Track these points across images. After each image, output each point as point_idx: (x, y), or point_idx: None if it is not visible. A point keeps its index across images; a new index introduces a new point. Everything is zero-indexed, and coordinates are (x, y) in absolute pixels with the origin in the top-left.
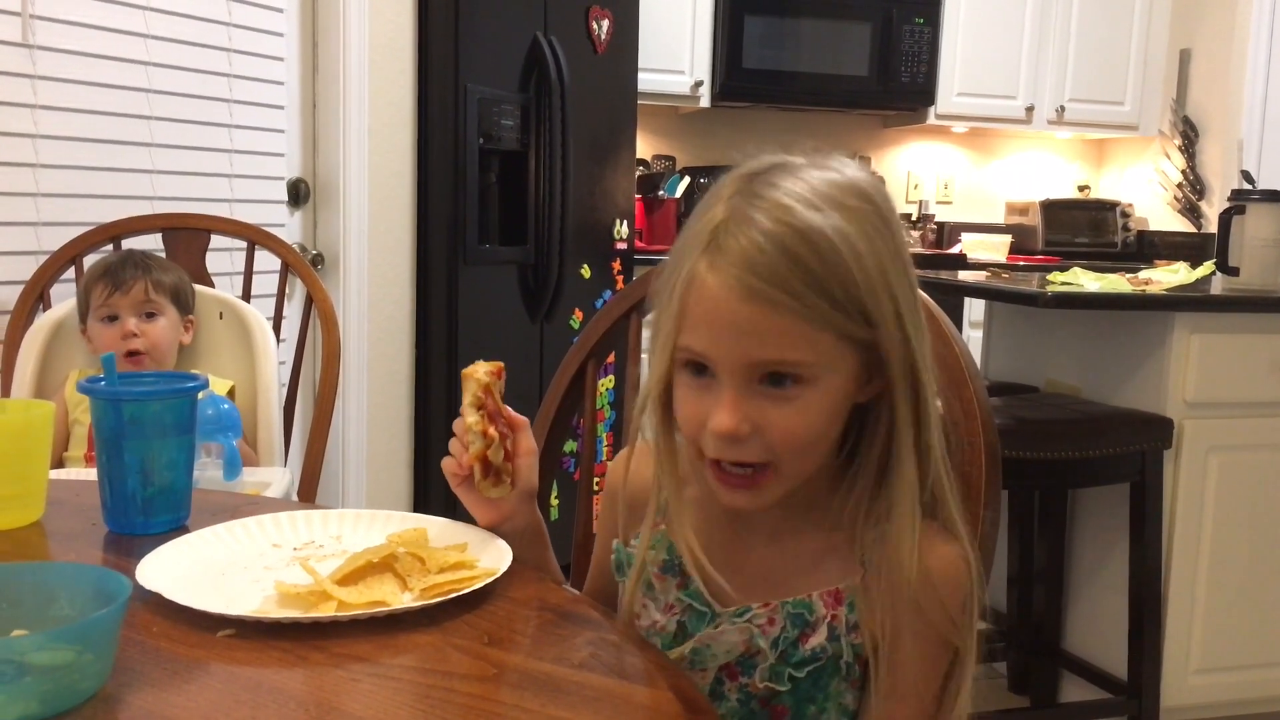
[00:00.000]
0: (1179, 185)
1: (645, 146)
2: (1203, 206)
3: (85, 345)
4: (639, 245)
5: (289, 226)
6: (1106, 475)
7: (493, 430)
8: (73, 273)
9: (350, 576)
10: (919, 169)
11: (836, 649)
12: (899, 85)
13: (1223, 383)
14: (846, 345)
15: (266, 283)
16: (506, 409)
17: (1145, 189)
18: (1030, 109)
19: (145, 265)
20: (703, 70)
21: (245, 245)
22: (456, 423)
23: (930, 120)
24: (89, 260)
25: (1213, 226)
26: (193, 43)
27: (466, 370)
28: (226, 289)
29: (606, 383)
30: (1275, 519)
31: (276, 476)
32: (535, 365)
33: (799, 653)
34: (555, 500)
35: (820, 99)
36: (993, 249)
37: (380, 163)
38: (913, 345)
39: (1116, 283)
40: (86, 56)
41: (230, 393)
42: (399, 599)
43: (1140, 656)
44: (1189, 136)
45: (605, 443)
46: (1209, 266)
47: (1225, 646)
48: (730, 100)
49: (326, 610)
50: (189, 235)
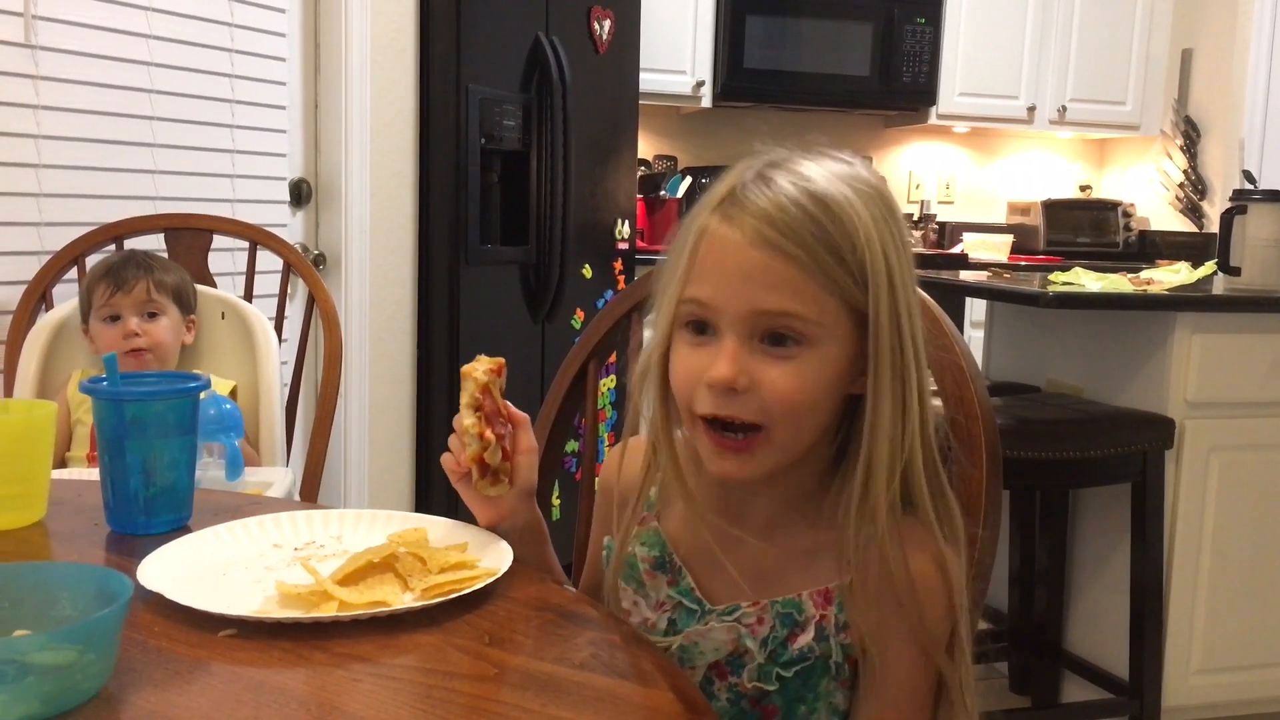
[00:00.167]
0: (1180, 185)
1: (647, 146)
2: (1204, 206)
3: (87, 345)
4: (640, 245)
5: (291, 227)
6: (1108, 475)
7: (489, 433)
8: (75, 273)
9: (351, 577)
10: (920, 169)
11: (825, 649)
12: (900, 85)
13: (1224, 383)
14: (848, 317)
15: (268, 283)
16: (507, 405)
17: (1147, 189)
18: (1032, 109)
19: (147, 265)
20: (704, 70)
21: (247, 245)
22: (456, 419)
23: (932, 120)
24: (91, 260)
25: (1214, 226)
26: (195, 43)
27: (465, 368)
28: (228, 289)
29: (608, 382)
30: (1276, 519)
31: (278, 476)
32: (537, 365)
33: (787, 652)
34: (557, 500)
35: (822, 99)
36: (994, 249)
37: (382, 163)
38: (904, 329)
39: (1118, 283)
40: (88, 57)
41: (232, 393)
42: (400, 599)
43: (1141, 657)
44: (1190, 136)
45: (607, 443)
46: (1210, 266)
47: (1227, 647)
48: (732, 100)
49: (328, 610)
50: (191, 235)
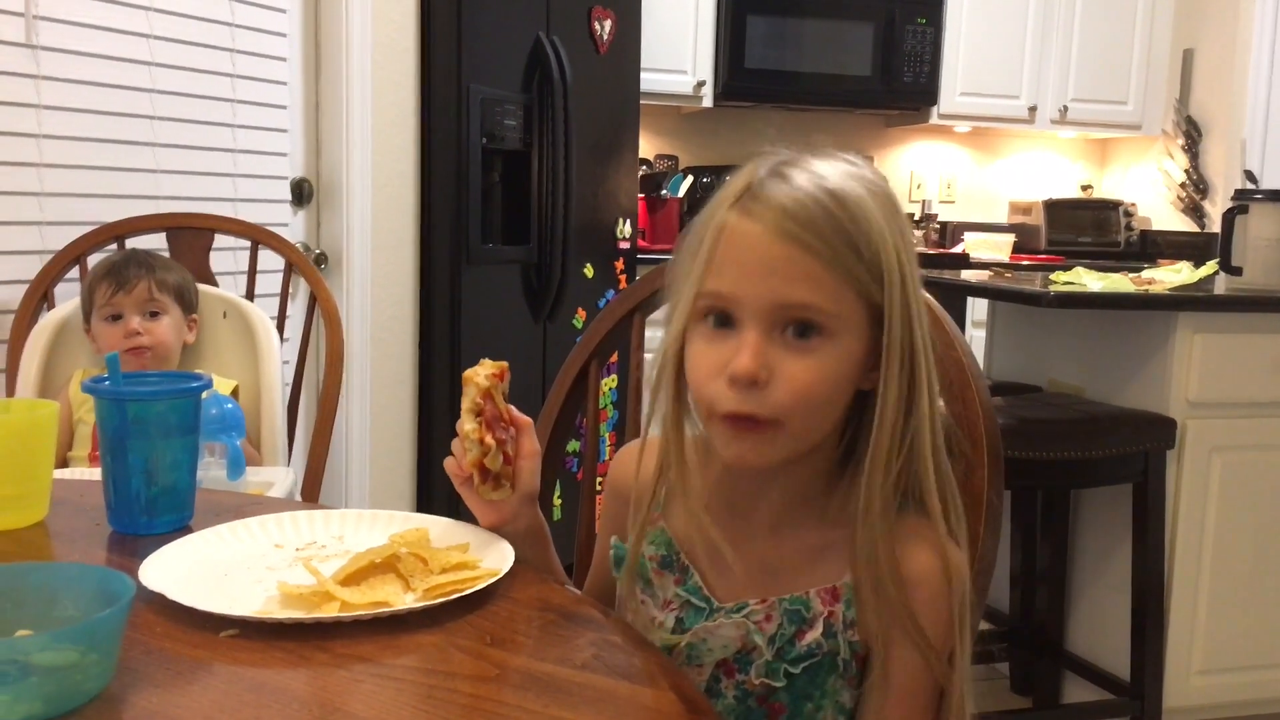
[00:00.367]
0: (1182, 185)
1: (648, 146)
2: (1206, 206)
3: (89, 344)
4: (642, 245)
5: (292, 226)
6: (1109, 475)
7: (489, 438)
8: (77, 272)
9: (353, 577)
10: (922, 169)
11: (833, 645)
12: (902, 85)
13: (1226, 383)
14: (863, 312)
15: (270, 282)
16: (510, 409)
17: (1148, 188)
18: (1033, 109)
19: (149, 264)
20: (705, 70)
21: (249, 245)
22: (458, 424)
23: (933, 120)
24: (93, 259)
25: (1216, 226)
26: (196, 43)
27: (467, 373)
28: (230, 288)
29: (609, 382)
30: (1278, 519)
31: (280, 476)
32: (538, 365)
33: (795, 649)
34: (558, 500)
35: (823, 99)
36: (996, 249)
37: (383, 162)
38: (914, 329)
39: (1119, 282)
40: (90, 57)
41: (234, 392)
42: (402, 599)
43: (1143, 657)
44: (1192, 136)
45: (608, 443)
46: (1212, 266)
47: (1228, 647)
48: (733, 100)
49: (329, 611)
50: (192, 235)
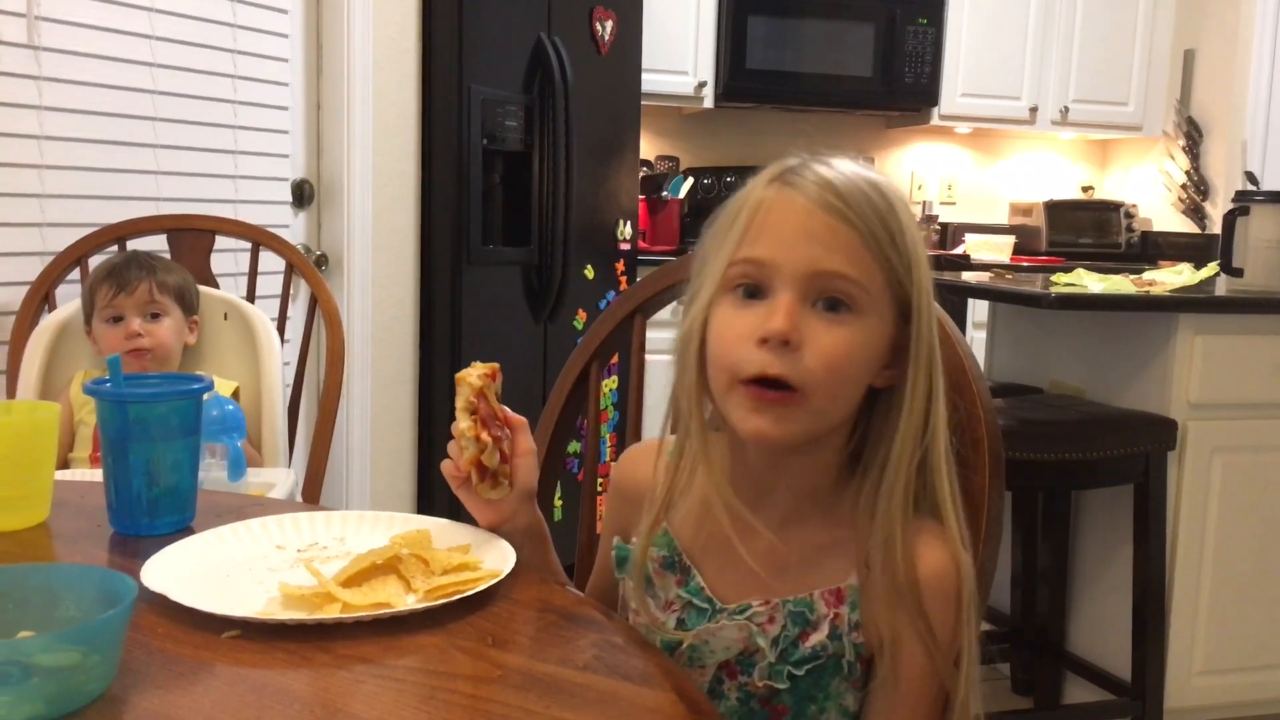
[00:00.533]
0: (1183, 186)
1: (649, 147)
2: (1207, 207)
3: (90, 346)
4: (642, 246)
5: (293, 227)
6: (1110, 477)
7: (485, 435)
8: (78, 274)
9: (354, 578)
10: (923, 170)
11: (838, 648)
12: (902, 86)
13: (1227, 384)
14: (889, 298)
15: (271, 283)
16: (504, 409)
17: (1149, 190)
18: (1034, 110)
19: (150, 266)
20: (706, 71)
21: (250, 246)
22: (453, 425)
23: (934, 121)
24: (94, 261)
25: (1217, 227)
26: (197, 44)
27: (460, 374)
28: (231, 290)
29: (610, 384)
30: (1279, 520)
31: (281, 478)
32: (539, 366)
33: (799, 651)
34: (559, 501)
35: (824, 100)
36: (996, 250)
37: (384, 164)
38: (933, 328)
39: (1120, 284)
40: (91, 58)
41: (235, 394)
42: (403, 600)
43: (1144, 658)
44: (1193, 137)
45: (609, 444)
46: (1213, 267)
47: (1229, 648)
48: (734, 101)
49: (331, 612)
50: (193, 236)
